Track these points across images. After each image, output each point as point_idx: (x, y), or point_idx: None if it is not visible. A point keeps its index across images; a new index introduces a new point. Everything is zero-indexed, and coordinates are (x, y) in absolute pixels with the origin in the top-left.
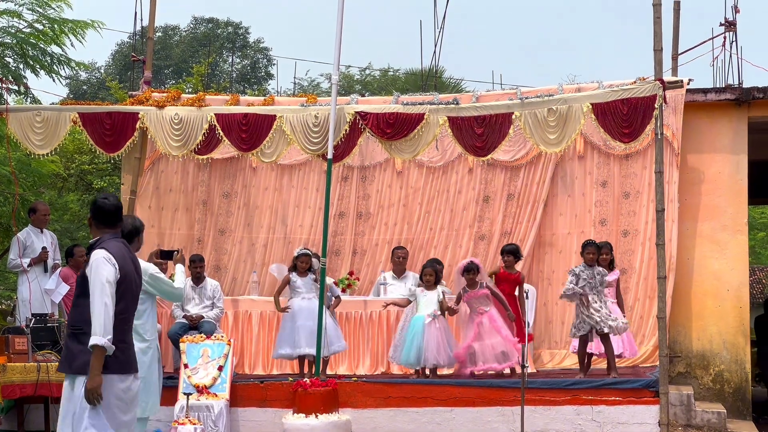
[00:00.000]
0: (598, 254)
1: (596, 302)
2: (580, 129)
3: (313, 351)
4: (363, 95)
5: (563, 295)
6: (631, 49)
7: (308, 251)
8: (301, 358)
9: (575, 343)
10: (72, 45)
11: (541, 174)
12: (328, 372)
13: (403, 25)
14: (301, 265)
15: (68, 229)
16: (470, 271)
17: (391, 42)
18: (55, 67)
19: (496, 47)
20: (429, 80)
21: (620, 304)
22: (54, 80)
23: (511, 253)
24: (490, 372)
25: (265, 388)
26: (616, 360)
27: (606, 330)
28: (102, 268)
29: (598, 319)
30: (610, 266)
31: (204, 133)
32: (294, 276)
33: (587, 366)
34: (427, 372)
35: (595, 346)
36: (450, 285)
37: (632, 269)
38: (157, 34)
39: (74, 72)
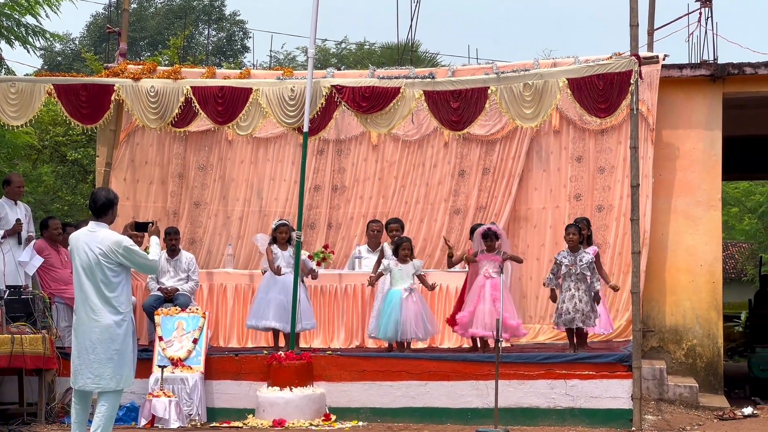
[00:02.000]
0: (580, 236)
1: (576, 291)
2: (556, 104)
3: (278, 325)
4: (339, 69)
5: (545, 283)
6: (607, 25)
7: (286, 222)
8: (274, 331)
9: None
10: (47, 16)
11: (516, 148)
12: (303, 345)
13: None
14: (280, 236)
15: (42, 201)
16: (487, 237)
17: (368, 16)
18: (29, 38)
19: (473, 22)
20: (405, 54)
21: (604, 278)
22: (29, 51)
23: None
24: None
25: (240, 361)
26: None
27: (579, 325)
28: None
29: (573, 314)
30: (588, 242)
31: (180, 106)
32: (275, 248)
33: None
34: (404, 345)
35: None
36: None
37: (606, 244)
38: (133, 5)
39: (49, 43)
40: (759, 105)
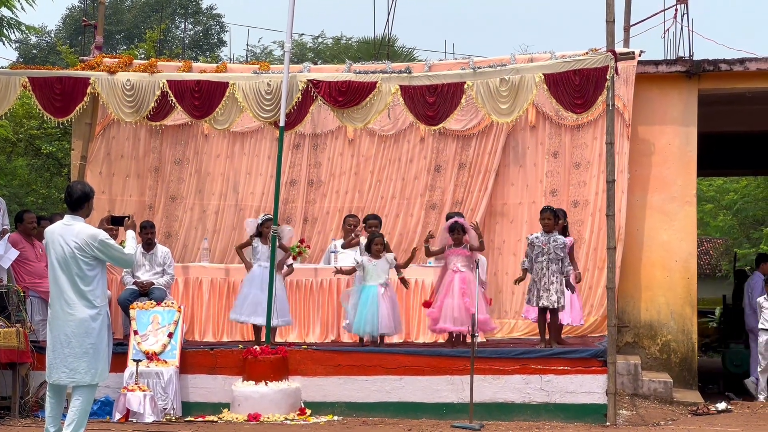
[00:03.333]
0: (555, 220)
1: (547, 271)
2: (532, 99)
3: (253, 320)
4: (315, 63)
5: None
6: (584, 20)
7: (271, 216)
8: (255, 326)
9: (530, 314)
10: (22, 8)
11: (492, 144)
12: (278, 340)
13: None
14: (265, 230)
15: (17, 195)
16: (453, 230)
17: (344, 10)
18: (5, 30)
19: (449, 16)
20: (381, 49)
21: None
22: (4, 44)
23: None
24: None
25: (215, 355)
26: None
27: (545, 304)
28: None
29: (544, 293)
30: (564, 233)
31: (156, 100)
32: (257, 242)
33: (547, 337)
34: (377, 340)
35: (565, 316)
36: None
37: (582, 240)
38: None
39: (24, 36)
40: (734, 101)
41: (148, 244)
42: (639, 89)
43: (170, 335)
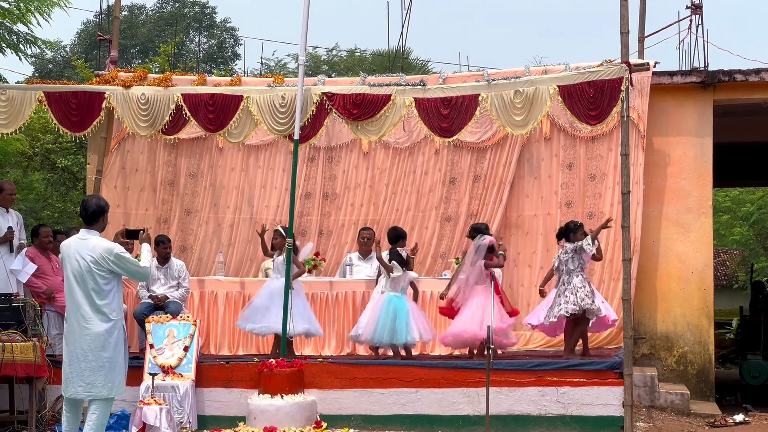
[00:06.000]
0: (568, 234)
1: (568, 285)
2: (547, 111)
3: (305, 327)
4: (330, 76)
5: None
6: (598, 32)
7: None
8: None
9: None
10: (38, 23)
11: (507, 156)
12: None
13: (371, 6)
14: (276, 243)
15: (33, 209)
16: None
17: (359, 22)
18: (21, 45)
19: (464, 28)
20: (396, 61)
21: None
22: (20, 59)
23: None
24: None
25: (231, 369)
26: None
27: (565, 313)
28: None
29: (565, 305)
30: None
31: (171, 114)
32: (276, 254)
33: (578, 347)
34: (403, 353)
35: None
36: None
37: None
38: (124, 13)
39: (40, 51)
40: (749, 112)
41: (163, 258)
42: (654, 100)
43: (186, 349)
